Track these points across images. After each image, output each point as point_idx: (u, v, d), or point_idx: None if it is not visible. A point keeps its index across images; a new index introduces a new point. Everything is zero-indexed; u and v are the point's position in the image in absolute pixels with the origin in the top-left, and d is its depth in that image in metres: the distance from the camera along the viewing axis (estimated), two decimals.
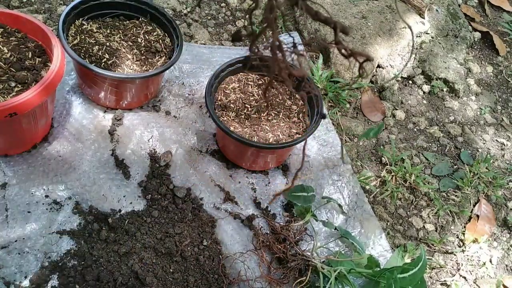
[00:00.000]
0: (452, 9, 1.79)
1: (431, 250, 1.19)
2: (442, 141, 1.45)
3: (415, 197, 1.28)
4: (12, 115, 0.84)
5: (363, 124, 1.40)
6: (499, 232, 1.28)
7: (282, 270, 0.99)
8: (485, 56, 1.81)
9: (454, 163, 1.40)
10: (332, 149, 1.27)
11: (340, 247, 1.09)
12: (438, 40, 1.67)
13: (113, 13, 1.20)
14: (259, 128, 1.11)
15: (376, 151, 1.36)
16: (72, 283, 0.88)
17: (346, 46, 0.54)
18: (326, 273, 0.94)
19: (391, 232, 1.19)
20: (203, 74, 1.33)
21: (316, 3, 0.56)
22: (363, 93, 1.48)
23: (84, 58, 1.08)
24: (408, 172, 1.29)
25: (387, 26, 1.58)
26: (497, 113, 1.61)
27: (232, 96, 1.15)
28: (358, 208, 1.18)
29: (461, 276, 1.16)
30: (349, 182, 1.22)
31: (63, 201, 0.99)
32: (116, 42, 1.14)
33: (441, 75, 1.59)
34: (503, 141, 1.51)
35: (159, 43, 1.19)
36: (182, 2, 1.56)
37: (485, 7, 2.00)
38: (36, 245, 0.91)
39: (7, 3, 1.34)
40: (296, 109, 1.18)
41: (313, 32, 1.55)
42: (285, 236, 1.03)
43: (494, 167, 1.42)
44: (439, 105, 1.56)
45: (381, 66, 1.56)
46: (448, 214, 1.27)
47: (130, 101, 1.16)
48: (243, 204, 1.10)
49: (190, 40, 1.45)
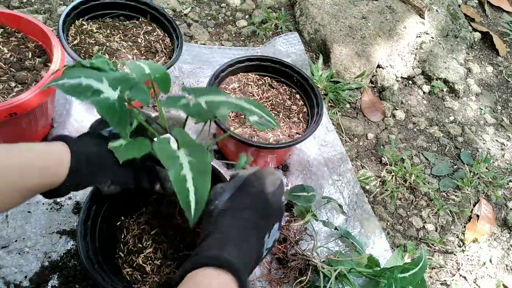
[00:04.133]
0: (452, 9, 1.79)
1: (431, 250, 1.19)
2: (442, 141, 1.45)
3: (415, 197, 1.28)
4: (12, 115, 0.84)
5: (363, 124, 1.40)
6: (499, 232, 1.28)
7: (282, 269, 0.99)
8: (485, 56, 1.81)
9: (454, 163, 1.40)
10: (332, 149, 1.27)
11: (340, 247, 1.09)
12: (438, 40, 1.67)
13: (113, 13, 1.21)
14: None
15: (376, 151, 1.36)
16: (72, 283, 0.88)
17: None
18: (326, 273, 0.94)
19: (391, 232, 1.19)
20: (203, 74, 1.33)
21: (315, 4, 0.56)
22: (363, 93, 1.48)
23: (84, 59, 1.08)
24: (408, 172, 1.29)
25: (387, 26, 1.58)
26: (497, 113, 1.61)
27: (232, 96, 1.16)
28: (358, 208, 1.18)
29: (461, 276, 1.16)
30: (349, 182, 1.22)
31: (63, 201, 0.99)
32: (116, 42, 1.15)
33: (441, 75, 1.59)
34: (503, 141, 1.51)
35: (159, 43, 1.19)
36: (182, 2, 1.56)
37: (485, 7, 2.00)
38: (36, 245, 0.91)
39: (7, 3, 1.34)
40: (296, 109, 1.18)
41: (313, 32, 1.55)
42: (285, 236, 1.03)
43: (494, 167, 1.42)
44: (439, 105, 1.56)
45: (381, 66, 1.56)
46: (448, 214, 1.27)
47: None
48: None
49: (190, 40, 1.45)
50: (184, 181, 0.56)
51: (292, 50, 1.50)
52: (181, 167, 0.57)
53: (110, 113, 0.61)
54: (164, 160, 0.57)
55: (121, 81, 0.64)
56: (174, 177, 0.56)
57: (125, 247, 0.85)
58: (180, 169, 0.56)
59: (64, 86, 0.61)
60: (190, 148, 0.62)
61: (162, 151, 0.59)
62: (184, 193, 0.55)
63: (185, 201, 0.54)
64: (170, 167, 0.57)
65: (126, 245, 0.86)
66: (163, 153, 0.59)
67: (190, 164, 0.58)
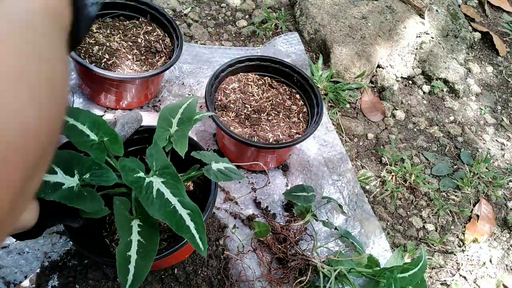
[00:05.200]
0: (452, 9, 1.79)
1: (431, 250, 1.19)
2: (442, 141, 1.45)
3: (415, 197, 1.28)
4: None
5: (363, 124, 1.40)
6: (499, 232, 1.28)
7: (282, 269, 0.99)
8: (485, 56, 1.81)
9: (454, 163, 1.40)
10: (332, 149, 1.27)
11: (340, 247, 1.09)
12: (438, 40, 1.67)
13: (113, 13, 1.21)
14: (259, 128, 1.11)
15: (376, 151, 1.36)
16: (72, 283, 0.88)
17: None
18: (326, 273, 0.94)
19: (391, 232, 1.19)
20: (203, 74, 1.33)
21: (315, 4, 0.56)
22: (363, 93, 1.48)
23: (84, 58, 1.08)
24: (408, 172, 1.29)
25: (387, 26, 1.58)
26: (497, 113, 1.61)
27: (232, 96, 1.16)
28: (358, 208, 1.18)
29: (461, 276, 1.16)
30: (349, 182, 1.22)
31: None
32: (116, 42, 1.15)
33: (441, 75, 1.59)
34: (503, 141, 1.51)
35: (159, 43, 1.19)
36: (182, 2, 1.56)
37: (485, 7, 2.00)
38: (36, 245, 0.91)
39: None
40: (296, 109, 1.18)
41: (313, 32, 1.55)
42: (285, 236, 1.03)
43: (494, 167, 1.42)
44: (439, 105, 1.56)
45: (381, 66, 1.56)
46: (448, 214, 1.27)
47: (130, 101, 1.16)
48: (243, 204, 1.11)
49: (190, 40, 1.45)
50: (127, 262, 0.59)
51: (292, 50, 1.50)
52: (129, 246, 0.60)
53: (81, 203, 0.59)
54: (118, 228, 0.61)
55: (73, 163, 0.61)
56: (120, 255, 0.59)
57: (111, 227, 0.88)
58: (127, 248, 0.60)
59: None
60: (144, 222, 0.63)
61: (118, 216, 0.62)
62: (123, 272, 0.59)
63: (123, 277, 0.58)
64: (121, 238, 0.60)
65: (112, 224, 0.88)
66: (119, 219, 0.62)
67: (139, 245, 0.61)
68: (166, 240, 0.86)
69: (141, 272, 0.59)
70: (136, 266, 0.59)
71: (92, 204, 0.60)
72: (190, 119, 0.76)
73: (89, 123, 0.66)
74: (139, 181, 0.60)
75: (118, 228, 0.61)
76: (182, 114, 0.77)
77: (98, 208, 0.61)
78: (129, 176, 0.60)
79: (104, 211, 0.64)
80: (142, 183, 0.60)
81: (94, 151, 0.64)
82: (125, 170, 0.60)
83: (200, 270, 0.96)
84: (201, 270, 0.96)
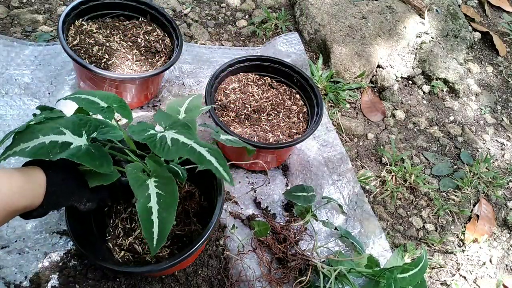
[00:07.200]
0: (452, 9, 1.79)
1: (431, 250, 1.19)
2: (442, 141, 1.45)
3: (415, 197, 1.28)
4: None
5: (363, 124, 1.40)
6: (499, 232, 1.28)
7: (282, 269, 0.99)
8: (485, 56, 1.81)
9: (454, 163, 1.40)
10: (332, 149, 1.27)
11: (340, 247, 1.09)
12: (438, 40, 1.67)
13: (113, 14, 1.21)
14: (259, 128, 1.11)
15: (376, 151, 1.36)
16: (72, 283, 0.88)
17: None
18: (326, 273, 0.94)
19: (391, 232, 1.19)
20: (203, 74, 1.33)
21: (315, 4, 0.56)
22: (363, 93, 1.48)
23: (84, 59, 1.08)
24: (408, 172, 1.29)
25: (387, 26, 1.58)
26: (497, 113, 1.61)
27: (232, 96, 1.15)
28: (358, 208, 1.18)
29: (461, 276, 1.16)
30: (349, 182, 1.22)
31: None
32: (116, 42, 1.15)
33: (441, 75, 1.59)
34: (503, 141, 1.51)
35: (159, 43, 1.19)
36: (182, 2, 1.56)
37: (485, 7, 2.00)
38: (36, 245, 0.91)
39: (7, 4, 1.34)
40: (296, 109, 1.18)
41: (313, 32, 1.55)
42: (285, 236, 1.03)
43: (494, 167, 1.42)
44: (439, 105, 1.56)
45: (381, 66, 1.56)
46: (448, 214, 1.27)
47: (130, 101, 1.16)
48: (243, 204, 1.10)
49: (190, 40, 1.45)
50: (150, 213, 0.58)
51: (292, 50, 1.50)
52: (149, 199, 0.59)
53: (89, 161, 0.60)
54: (134, 188, 0.60)
55: (81, 125, 0.62)
56: (141, 208, 0.58)
57: (115, 231, 0.87)
58: (147, 201, 0.58)
59: (26, 152, 0.57)
60: (160, 179, 0.63)
61: (132, 179, 0.61)
62: (148, 225, 0.57)
63: (148, 232, 0.57)
64: (139, 196, 0.59)
65: (116, 228, 0.87)
66: (134, 181, 0.61)
67: (158, 196, 0.60)
68: (169, 247, 0.86)
69: (166, 225, 0.58)
70: (159, 216, 0.58)
71: (100, 161, 0.60)
72: (196, 107, 0.81)
73: (99, 95, 0.70)
74: (151, 137, 0.61)
75: (133, 188, 0.60)
76: (189, 104, 0.83)
77: (107, 165, 0.61)
78: (141, 136, 0.61)
79: (114, 174, 0.64)
80: (155, 138, 0.60)
81: (103, 113, 0.66)
82: (136, 133, 0.61)
83: (200, 270, 0.96)
84: (201, 270, 0.96)
